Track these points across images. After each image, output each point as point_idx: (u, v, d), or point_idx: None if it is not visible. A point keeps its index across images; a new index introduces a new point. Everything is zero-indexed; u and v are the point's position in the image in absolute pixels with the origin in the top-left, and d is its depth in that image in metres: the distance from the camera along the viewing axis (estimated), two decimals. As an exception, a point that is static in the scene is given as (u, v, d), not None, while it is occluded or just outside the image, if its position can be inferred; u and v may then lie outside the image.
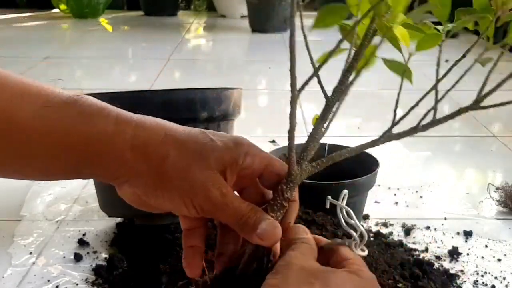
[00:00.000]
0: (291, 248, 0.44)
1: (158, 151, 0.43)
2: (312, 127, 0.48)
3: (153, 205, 0.45)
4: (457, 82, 0.47)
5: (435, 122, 0.46)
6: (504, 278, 0.78)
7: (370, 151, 0.89)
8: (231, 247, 0.49)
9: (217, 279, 0.48)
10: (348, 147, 0.91)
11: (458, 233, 0.91)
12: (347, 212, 0.47)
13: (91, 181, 0.97)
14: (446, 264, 0.81)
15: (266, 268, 0.45)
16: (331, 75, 0.51)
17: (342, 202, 0.48)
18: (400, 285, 0.67)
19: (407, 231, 0.90)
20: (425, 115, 0.46)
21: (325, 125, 0.47)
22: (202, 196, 0.43)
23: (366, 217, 0.94)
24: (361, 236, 0.46)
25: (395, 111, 0.48)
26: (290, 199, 0.47)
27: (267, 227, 0.44)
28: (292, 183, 0.46)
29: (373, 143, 0.48)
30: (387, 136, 0.48)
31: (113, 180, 0.44)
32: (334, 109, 0.46)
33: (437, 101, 0.46)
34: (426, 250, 0.85)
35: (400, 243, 0.85)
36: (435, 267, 0.78)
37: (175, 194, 0.43)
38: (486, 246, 0.87)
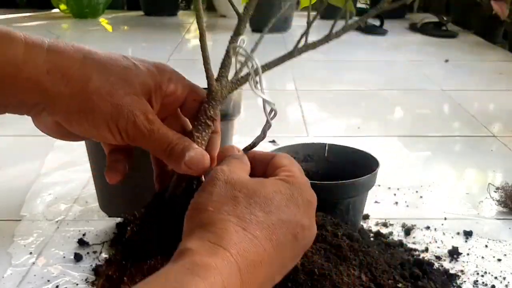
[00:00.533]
0: (220, 164, 0.44)
1: (79, 74, 0.41)
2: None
3: (75, 132, 0.43)
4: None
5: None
6: (504, 278, 0.78)
7: (370, 151, 0.89)
8: (164, 170, 0.48)
9: (149, 206, 0.47)
10: (348, 147, 0.91)
11: (458, 233, 0.91)
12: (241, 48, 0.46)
13: (91, 181, 0.97)
14: (446, 264, 0.81)
15: (196, 187, 0.44)
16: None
17: (239, 44, 0.46)
18: (400, 285, 0.67)
19: (407, 231, 0.90)
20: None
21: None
22: (128, 121, 0.41)
23: (366, 217, 0.94)
24: (256, 71, 0.45)
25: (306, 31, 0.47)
26: (214, 118, 0.46)
27: (195, 155, 0.43)
28: (214, 100, 0.46)
29: (290, 54, 0.48)
30: (303, 46, 0.48)
31: (30, 110, 0.42)
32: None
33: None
34: (426, 250, 0.85)
35: (400, 243, 0.85)
36: (435, 267, 0.78)
37: (100, 118, 0.41)
38: (486, 246, 0.87)
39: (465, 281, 0.77)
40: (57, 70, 0.40)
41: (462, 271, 0.79)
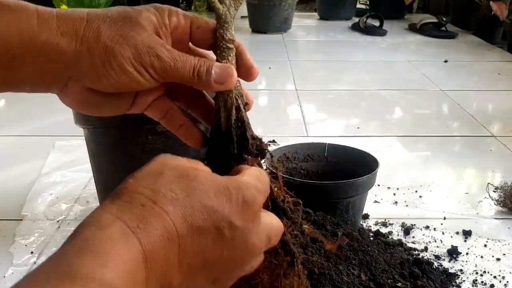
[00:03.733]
0: None
1: (89, 29, 0.42)
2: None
3: (106, 89, 0.43)
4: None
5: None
6: (503, 278, 0.78)
7: (370, 151, 0.90)
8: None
9: (208, 140, 0.48)
10: (348, 147, 0.92)
11: (457, 233, 0.91)
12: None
13: (92, 181, 0.98)
14: (445, 263, 0.82)
15: (244, 107, 0.46)
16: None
17: None
18: (399, 284, 0.68)
19: (407, 230, 0.91)
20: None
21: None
22: (151, 56, 0.42)
23: (365, 216, 0.95)
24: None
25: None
26: (233, 39, 0.47)
27: (220, 69, 0.44)
28: (225, 22, 0.47)
29: None
30: None
31: (52, 83, 0.43)
32: None
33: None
34: (426, 249, 0.85)
35: (400, 243, 0.85)
36: (434, 267, 0.78)
37: (124, 62, 0.42)
38: (485, 245, 0.87)
39: (464, 281, 0.77)
40: (70, 32, 0.42)
41: (461, 270, 0.80)
